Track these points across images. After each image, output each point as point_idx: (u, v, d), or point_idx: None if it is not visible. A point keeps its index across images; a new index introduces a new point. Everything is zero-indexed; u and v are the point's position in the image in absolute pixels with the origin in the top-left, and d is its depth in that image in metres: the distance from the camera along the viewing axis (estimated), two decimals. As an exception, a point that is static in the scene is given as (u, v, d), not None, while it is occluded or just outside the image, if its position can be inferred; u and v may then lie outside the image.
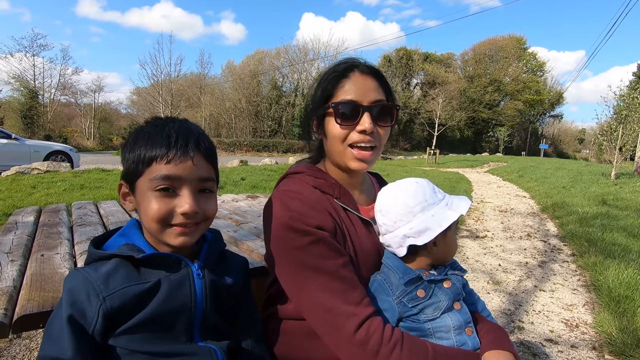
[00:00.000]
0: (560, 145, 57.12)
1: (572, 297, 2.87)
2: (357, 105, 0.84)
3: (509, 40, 47.53)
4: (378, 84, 0.88)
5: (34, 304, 0.78)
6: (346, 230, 0.85)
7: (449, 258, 0.88)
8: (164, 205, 0.68)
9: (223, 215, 1.82)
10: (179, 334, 0.70)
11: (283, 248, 0.79)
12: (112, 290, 0.65)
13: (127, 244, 0.72)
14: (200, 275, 0.73)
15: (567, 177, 10.72)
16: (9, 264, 1.01)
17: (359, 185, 0.98)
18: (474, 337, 0.83)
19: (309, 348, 0.84)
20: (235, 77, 36.66)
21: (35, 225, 1.48)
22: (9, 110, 26.19)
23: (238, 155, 24.55)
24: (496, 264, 3.59)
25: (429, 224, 0.81)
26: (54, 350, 0.61)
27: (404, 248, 0.82)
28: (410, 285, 0.81)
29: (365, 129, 0.84)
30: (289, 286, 0.80)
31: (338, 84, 0.87)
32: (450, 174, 12.88)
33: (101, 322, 0.63)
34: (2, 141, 8.99)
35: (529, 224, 5.34)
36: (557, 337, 2.26)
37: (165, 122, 0.74)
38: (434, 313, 0.80)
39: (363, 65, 0.89)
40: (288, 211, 0.79)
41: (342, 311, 0.73)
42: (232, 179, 7.84)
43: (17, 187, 6.16)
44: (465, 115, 39.91)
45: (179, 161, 0.69)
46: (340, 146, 0.87)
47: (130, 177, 0.72)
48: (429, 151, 20.66)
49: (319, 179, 0.89)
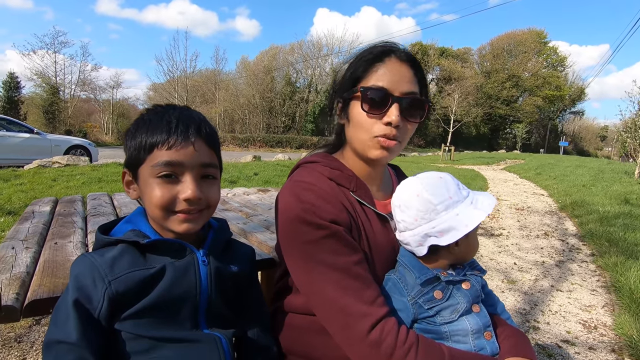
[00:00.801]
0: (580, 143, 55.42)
1: (590, 298, 2.78)
2: (387, 94, 0.79)
3: (529, 34, 46.21)
4: (414, 75, 0.83)
5: (45, 289, 0.80)
6: (361, 226, 0.80)
7: (469, 258, 0.84)
8: (166, 191, 0.68)
9: (234, 207, 1.82)
10: (184, 320, 0.70)
11: (295, 241, 0.75)
12: (117, 274, 0.65)
13: (133, 230, 0.72)
14: (206, 262, 0.73)
15: (587, 175, 10.39)
16: (23, 251, 1.03)
17: (377, 178, 0.92)
18: (492, 341, 0.78)
19: (316, 344, 0.82)
20: (249, 73, 36.85)
21: (51, 214, 1.52)
22: (32, 106, 27.08)
23: (251, 151, 24.75)
24: (511, 263, 3.51)
25: (453, 223, 0.75)
26: (60, 334, 0.61)
27: (424, 247, 0.78)
28: (427, 286, 0.77)
29: (392, 121, 0.78)
30: (300, 281, 0.77)
31: (371, 68, 0.81)
32: (465, 171, 12.65)
33: (106, 306, 0.63)
34: (25, 135, 9.30)
35: (547, 223, 5.20)
36: (574, 338, 2.19)
37: (165, 109, 0.73)
38: (452, 316, 0.76)
39: (401, 52, 0.83)
40: (301, 203, 0.75)
41: (355, 310, 0.70)
42: (245, 174, 7.90)
43: (39, 179, 6.36)
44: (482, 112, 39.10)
45: (180, 147, 0.68)
46: (363, 135, 0.82)
47: (133, 164, 0.72)
48: (444, 148, 20.33)
49: (334, 170, 0.84)
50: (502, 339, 0.81)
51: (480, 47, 49.65)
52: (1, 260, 0.95)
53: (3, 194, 5.11)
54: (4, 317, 0.72)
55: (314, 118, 31.53)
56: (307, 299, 0.77)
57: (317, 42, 37.71)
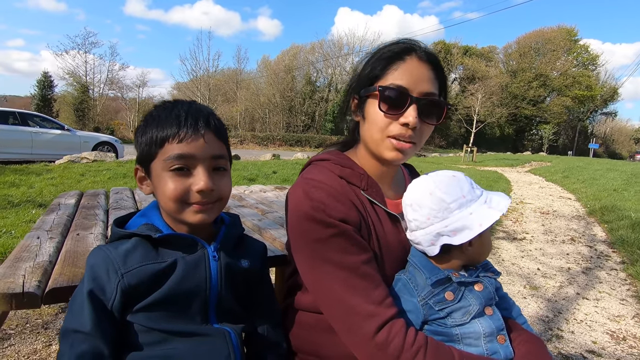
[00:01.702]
0: (612, 145, 52.95)
1: (619, 307, 2.64)
2: (405, 94, 0.77)
3: (558, 31, 44.46)
4: (434, 75, 0.80)
5: (65, 278, 0.83)
6: (372, 225, 0.79)
7: (482, 259, 0.81)
8: (180, 184, 0.69)
9: (250, 204, 1.84)
10: (194, 314, 0.70)
11: (303, 239, 0.75)
12: (130, 267, 0.66)
13: (146, 224, 0.73)
14: (216, 258, 0.73)
15: (619, 179, 9.89)
16: (47, 241, 1.08)
17: (390, 178, 0.90)
18: (506, 345, 0.75)
19: (325, 343, 0.81)
20: (270, 72, 37.23)
21: (75, 207, 1.58)
22: (64, 104, 28.37)
23: (271, 149, 24.98)
24: (535, 268, 3.39)
25: (467, 222, 0.73)
26: (76, 323, 0.63)
27: (436, 247, 0.76)
28: (437, 287, 0.75)
29: (409, 122, 0.76)
30: (308, 279, 0.77)
31: (390, 66, 0.79)
32: (487, 172, 12.32)
33: (119, 298, 0.65)
34: (56, 132, 9.74)
35: (573, 228, 4.99)
36: (600, 349, 2.09)
37: (174, 104, 0.74)
38: (463, 318, 0.74)
39: (422, 50, 0.81)
40: (310, 201, 0.74)
41: (362, 310, 0.69)
42: (264, 172, 7.98)
43: (68, 174, 6.65)
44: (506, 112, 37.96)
45: (190, 139, 0.69)
46: (378, 134, 0.80)
47: (145, 160, 0.73)
48: (466, 149, 19.87)
49: (345, 168, 0.83)
50: (516, 344, 0.78)
51: (506, 45, 48.25)
52: (26, 249, 0.99)
53: (35, 187, 5.37)
54: (26, 303, 0.75)
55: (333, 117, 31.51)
56: (314, 297, 0.77)
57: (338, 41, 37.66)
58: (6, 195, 4.61)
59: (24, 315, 2.07)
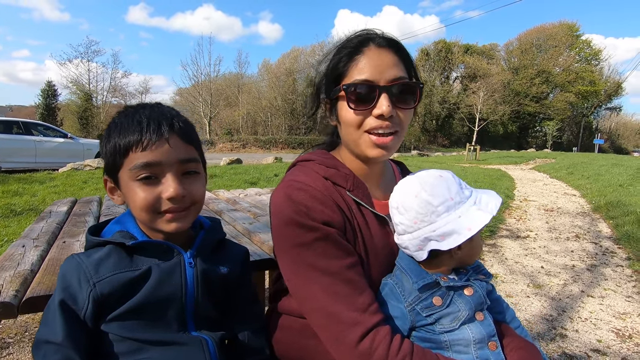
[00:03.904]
0: (618, 141, 52.39)
1: (625, 304, 2.58)
2: (372, 86, 0.74)
3: (560, 27, 44.17)
4: (398, 59, 0.77)
5: (44, 287, 0.81)
6: (357, 227, 0.76)
7: (472, 261, 0.78)
8: (149, 193, 0.67)
9: (243, 208, 1.83)
10: (170, 322, 0.69)
11: (286, 244, 0.72)
12: (102, 276, 0.64)
13: (120, 231, 0.72)
14: (192, 264, 0.72)
15: (625, 174, 9.76)
16: (32, 249, 1.07)
17: (377, 177, 0.87)
18: (498, 352, 0.72)
19: (310, 349, 0.79)
20: (271, 76, 37.35)
21: (67, 214, 1.57)
22: (68, 112, 28.64)
23: (273, 153, 25.02)
24: (538, 266, 3.34)
25: (455, 226, 0.70)
26: (47, 333, 0.62)
27: (424, 252, 0.72)
28: (425, 292, 0.72)
29: (383, 112, 0.73)
30: (292, 285, 0.74)
31: (350, 62, 0.76)
32: (491, 170, 12.23)
33: (91, 307, 0.63)
34: (59, 140, 9.82)
35: (578, 224, 4.92)
36: (605, 347, 2.04)
37: (136, 109, 0.72)
38: (452, 324, 0.71)
39: (379, 37, 0.78)
40: (293, 204, 0.71)
41: (345, 318, 0.66)
42: (265, 175, 7.98)
43: (71, 181, 6.70)
44: (509, 109, 37.60)
45: (155, 146, 0.67)
46: (355, 133, 0.77)
47: (111, 170, 0.71)
48: (469, 147, 19.75)
49: (330, 169, 0.80)
50: (508, 351, 0.75)
51: (508, 42, 48.03)
52: (9, 258, 0.98)
53: (38, 195, 5.41)
54: (2, 313, 0.74)
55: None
56: (298, 303, 0.74)
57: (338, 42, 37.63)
58: (9, 204, 4.64)
59: (23, 324, 2.06)
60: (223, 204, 1.96)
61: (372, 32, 0.80)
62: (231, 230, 1.43)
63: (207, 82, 33.76)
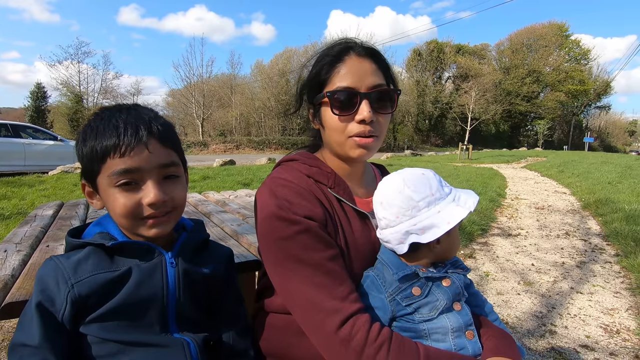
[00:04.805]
0: (607, 139, 53.20)
1: (613, 300, 2.62)
2: (354, 93, 0.78)
3: (549, 27, 44.75)
4: (376, 67, 0.82)
5: (23, 292, 0.80)
6: (338, 222, 0.79)
7: (451, 255, 0.82)
8: (129, 199, 0.66)
9: (232, 209, 1.82)
10: (152, 323, 0.68)
11: (270, 238, 0.74)
12: (80, 277, 0.64)
13: (100, 233, 0.71)
14: (174, 264, 0.71)
15: (614, 172, 9.92)
16: (14, 254, 1.05)
17: (358, 176, 0.92)
18: (475, 341, 0.75)
19: (296, 345, 0.80)
20: (264, 77, 37.24)
21: (52, 218, 1.55)
22: (58, 114, 28.26)
23: (267, 153, 24.96)
24: (529, 264, 3.37)
25: (434, 220, 0.74)
26: (24, 336, 0.61)
27: (405, 245, 0.76)
28: (405, 282, 0.75)
29: (365, 117, 0.78)
30: (275, 279, 0.76)
31: (332, 70, 0.80)
32: (483, 169, 12.32)
33: (69, 309, 0.62)
34: (49, 143, 9.68)
35: (568, 222, 4.98)
36: (593, 343, 2.07)
37: (112, 112, 0.70)
38: (430, 313, 0.74)
39: (359, 47, 0.82)
40: (276, 199, 0.75)
41: (325, 307, 0.68)
42: (258, 177, 7.95)
43: (61, 185, 6.60)
44: (501, 109, 38.03)
45: (133, 152, 0.65)
46: (339, 137, 0.81)
47: (89, 175, 0.70)
48: (461, 146, 19.89)
49: (313, 167, 0.84)
50: (485, 339, 0.78)
51: (498, 42, 48.51)
52: (-10, 263, 0.96)
53: (27, 199, 5.32)
54: (-20, 320, 0.72)
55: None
56: (281, 297, 0.76)
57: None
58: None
59: (11, 330, 2.03)
60: (212, 205, 1.95)
61: (352, 42, 0.84)
62: (219, 232, 1.42)
63: (200, 83, 33.58)
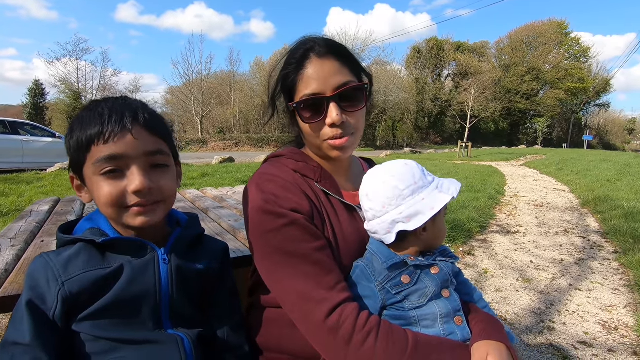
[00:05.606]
0: (606, 137, 53.25)
1: (612, 297, 2.62)
2: (319, 98, 0.78)
3: (549, 25, 44.67)
4: (341, 64, 0.80)
5: (16, 286, 0.79)
6: (325, 214, 0.80)
7: (437, 244, 0.83)
8: (114, 188, 0.65)
9: (229, 205, 1.81)
10: (145, 320, 0.67)
11: (257, 232, 0.75)
12: (71, 275, 0.62)
13: (91, 229, 0.69)
14: (166, 260, 0.70)
15: (613, 170, 9.92)
16: (8, 249, 1.04)
17: (344, 171, 0.93)
18: (464, 327, 0.76)
19: (288, 337, 0.80)
20: (263, 74, 37.09)
21: (48, 213, 1.54)
22: (56, 112, 28.16)
23: (267, 151, 24.92)
24: (528, 261, 3.37)
25: (419, 207, 0.75)
26: (15, 335, 0.60)
27: (392, 234, 0.77)
28: (394, 271, 0.76)
29: (334, 121, 0.78)
30: (264, 272, 0.76)
31: (297, 76, 0.80)
32: (482, 167, 12.32)
33: (61, 307, 0.61)
34: (47, 140, 9.65)
35: (567, 219, 4.98)
36: (592, 339, 2.07)
37: (98, 103, 0.69)
38: (420, 300, 0.75)
39: (319, 47, 0.80)
40: (262, 194, 0.76)
41: (313, 296, 0.69)
42: (257, 174, 7.92)
43: (60, 182, 6.58)
44: (500, 106, 37.93)
45: (117, 138, 0.64)
46: (315, 141, 0.83)
47: (76, 166, 0.69)
48: (461, 144, 19.88)
49: (299, 162, 0.85)
50: (473, 325, 0.78)
51: (498, 40, 48.44)
52: (-17, 258, 0.95)
53: (25, 196, 5.30)
54: (-29, 315, 0.71)
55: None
56: (271, 289, 0.76)
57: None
58: (-6, 205, 4.54)
59: (2, 327, 2.02)
60: (210, 201, 1.94)
61: (311, 42, 0.82)
62: (216, 227, 1.41)
63: (199, 80, 33.47)
